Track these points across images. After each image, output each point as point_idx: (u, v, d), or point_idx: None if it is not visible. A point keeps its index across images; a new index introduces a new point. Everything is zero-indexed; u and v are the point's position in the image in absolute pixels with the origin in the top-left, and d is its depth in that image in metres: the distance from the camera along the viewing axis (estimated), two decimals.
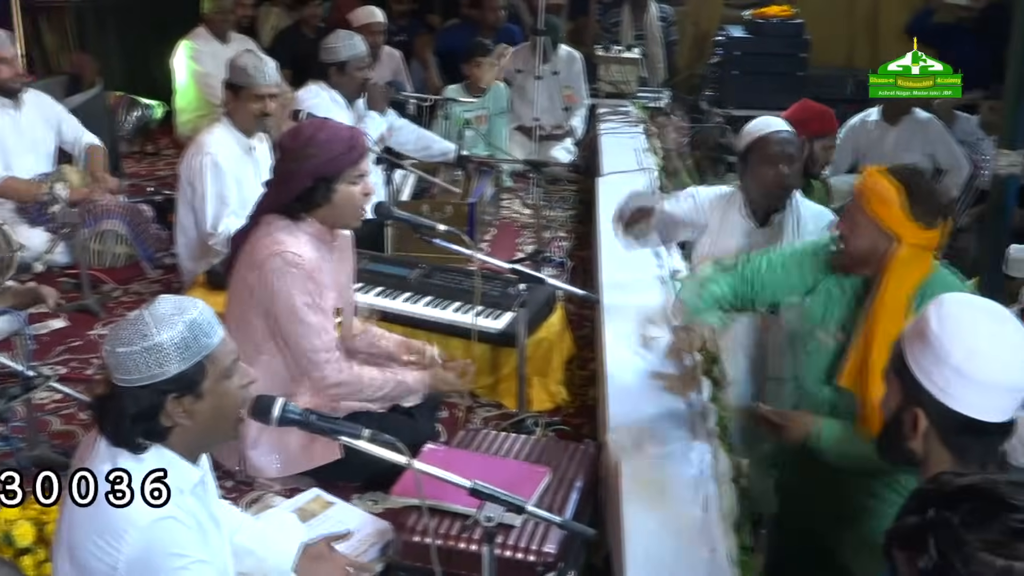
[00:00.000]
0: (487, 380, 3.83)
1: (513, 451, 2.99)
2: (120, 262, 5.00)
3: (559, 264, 4.91)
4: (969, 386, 1.80)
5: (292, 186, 3.07)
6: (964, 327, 1.82)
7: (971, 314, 1.86)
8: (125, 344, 2.02)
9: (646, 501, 2.63)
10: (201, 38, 6.77)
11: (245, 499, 3.13)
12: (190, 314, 2.07)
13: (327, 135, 3.07)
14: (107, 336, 2.08)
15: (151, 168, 6.66)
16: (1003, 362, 1.80)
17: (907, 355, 1.87)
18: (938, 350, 1.82)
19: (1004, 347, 1.82)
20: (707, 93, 7.61)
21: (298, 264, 3.04)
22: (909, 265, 2.66)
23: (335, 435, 2.33)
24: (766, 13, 7.29)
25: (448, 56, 7.37)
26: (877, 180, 2.68)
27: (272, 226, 3.11)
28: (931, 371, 1.83)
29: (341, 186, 3.09)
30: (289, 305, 3.05)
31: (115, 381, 2.05)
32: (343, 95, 5.15)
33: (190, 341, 2.05)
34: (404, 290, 4.01)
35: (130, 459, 2.06)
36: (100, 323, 4.40)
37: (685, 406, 3.12)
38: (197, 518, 2.14)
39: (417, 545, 2.60)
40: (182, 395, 2.06)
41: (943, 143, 6.35)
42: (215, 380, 2.11)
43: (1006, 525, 1.39)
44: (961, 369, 1.80)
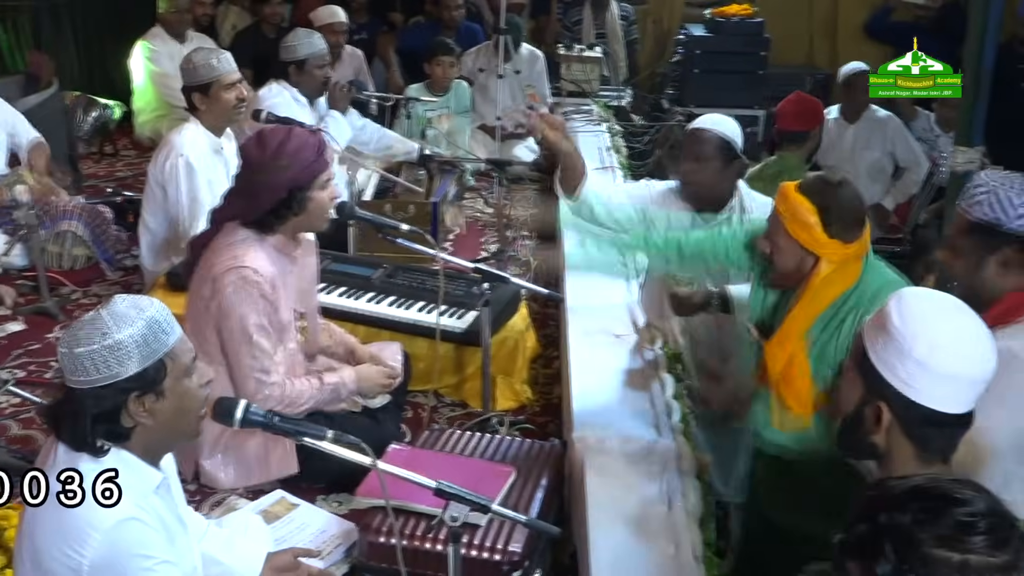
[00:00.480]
0: (451, 380, 3.83)
1: (478, 450, 2.99)
2: (79, 264, 4.94)
3: (522, 263, 4.91)
4: (932, 379, 1.82)
5: (264, 199, 3.04)
6: (925, 321, 1.84)
7: (932, 308, 1.88)
8: (84, 344, 1.99)
9: (611, 499, 2.63)
10: (158, 38, 6.71)
11: (209, 501, 3.10)
12: (148, 312, 2.06)
13: (296, 144, 3.04)
14: (62, 338, 2.05)
15: (110, 169, 6.59)
16: (964, 354, 1.83)
17: (869, 350, 1.89)
18: (901, 344, 1.84)
19: (964, 339, 1.84)
20: (668, 91, 7.64)
21: (256, 283, 3.01)
22: (832, 278, 2.68)
23: (298, 436, 2.31)
24: (726, 12, 7.33)
25: (410, 55, 7.35)
26: (793, 201, 2.68)
27: (234, 237, 3.08)
28: (895, 365, 1.84)
29: (314, 193, 3.08)
30: (241, 325, 3.01)
31: (71, 384, 2.02)
32: (304, 94, 5.12)
33: (150, 338, 2.03)
34: (368, 290, 3.99)
35: (88, 460, 2.04)
36: (59, 326, 4.34)
37: (649, 403, 3.14)
38: (163, 519, 2.12)
39: (382, 546, 2.59)
40: (144, 394, 2.05)
41: (902, 140, 6.43)
42: (176, 378, 2.10)
43: (955, 519, 1.40)
44: (924, 362, 1.82)
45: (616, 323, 3.65)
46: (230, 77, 4.31)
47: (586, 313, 3.74)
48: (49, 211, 4.87)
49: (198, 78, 4.31)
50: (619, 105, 7.21)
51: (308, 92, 5.14)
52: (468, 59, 6.89)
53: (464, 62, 6.73)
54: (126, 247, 5.05)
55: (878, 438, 1.88)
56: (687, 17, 8.63)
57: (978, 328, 1.88)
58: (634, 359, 3.41)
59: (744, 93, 7.21)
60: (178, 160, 4.23)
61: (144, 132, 6.77)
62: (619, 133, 6.57)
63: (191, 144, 4.28)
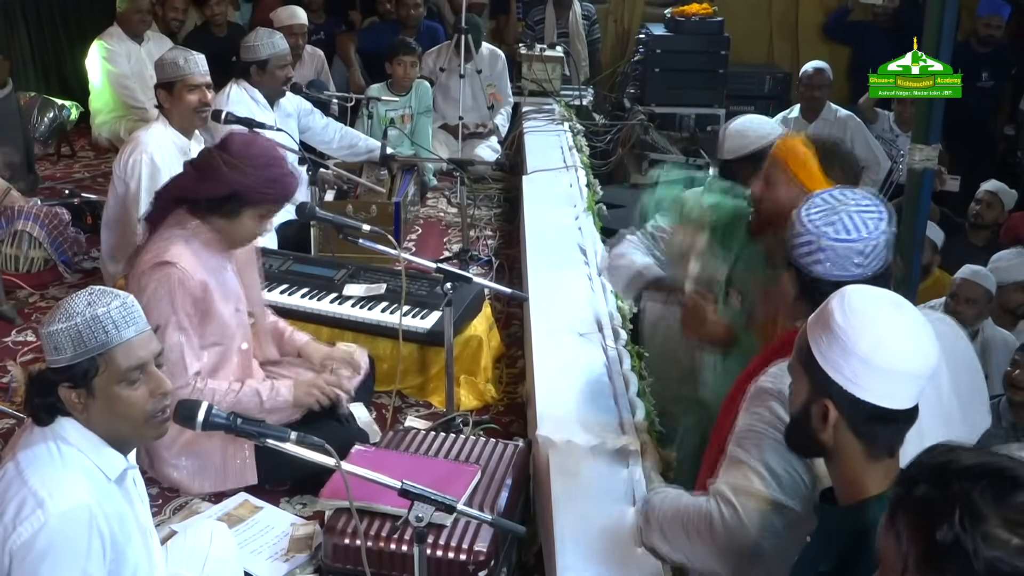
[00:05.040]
0: (415, 380, 3.82)
1: (443, 451, 2.98)
2: (36, 267, 4.86)
3: (486, 263, 4.91)
4: (876, 375, 1.83)
5: (209, 185, 3.04)
6: (868, 318, 1.85)
7: (873, 305, 1.89)
8: (44, 325, 2.10)
9: (576, 497, 2.64)
10: (115, 38, 6.60)
11: (171, 505, 3.08)
12: (98, 309, 2.06)
13: (271, 169, 3.08)
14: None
15: (67, 170, 6.49)
16: (906, 350, 1.84)
17: (813, 348, 1.89)
18: (844, 342, 1.84)
19: (906, 335, 1.86)
20: (630, 91, 7.66)
21: (183, 282, 2.99)
22: None
23: (261, 438, 2.30)
24: (686, 11, 7.36)
25: (370, 55, 7.31)
26: (794, 143, 2.77)
27: (171, 232, 3.07)
28: (839, 363, 1.85)
29: (247, 213, 3.08)
30: (163, 320, 2.94)
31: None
32: (265, 94, 5.08)
33: (86, 335, 2.05)
34: (330, 291, 3.97)
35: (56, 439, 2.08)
36: (15, 330, 4.28)
37: (613, 402, 3.15)
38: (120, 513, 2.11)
39: (347, 547, 2.58)
40: (73, 387, 2.07)
41: (861, 139, 6.50)
42: (108, 381, 2.09)
43: (1020, 502, 1.41)
44: (868, 359, 1.83)
45: (580, 322, 3.66)
46: (194, 79, 4.27)
47: (550, 312, 3.74)
48: (3, 211, 4.80)
49: (165, 76, 4.28)
50: (581, 104, 7.22)
51: (269, 93, 5.09)
52: (429, 59, 6.87)
53: (425, 62, 6.71)
54: (85, 249, 4.99)
55: (825, 436, 1.88)
56: (647, 16, 8.66)
57: (919, 323, 1.89)
58: (599, 359, 3.41)
59: (705, 92, 7.25)
60: (142, 156, 4.19)
61: (102, 133, 6.68)
62: (581, 132, 6.58)
63: (157, 143, 4.24)
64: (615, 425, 3.00)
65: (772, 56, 8.99)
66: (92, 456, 2.10)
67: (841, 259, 2.23)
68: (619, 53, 8.87)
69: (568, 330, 3.60)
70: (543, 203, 5.03)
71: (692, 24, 7.27)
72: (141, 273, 3.02)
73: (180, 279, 2.99)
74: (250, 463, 3.10)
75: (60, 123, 6.76)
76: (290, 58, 5.29)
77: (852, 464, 1.88)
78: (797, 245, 2.28)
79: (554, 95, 7.11)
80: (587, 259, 4.24)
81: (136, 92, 6.42)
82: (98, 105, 6.66)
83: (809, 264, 2.26)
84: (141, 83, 6.32)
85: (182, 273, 2.99)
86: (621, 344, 3.51)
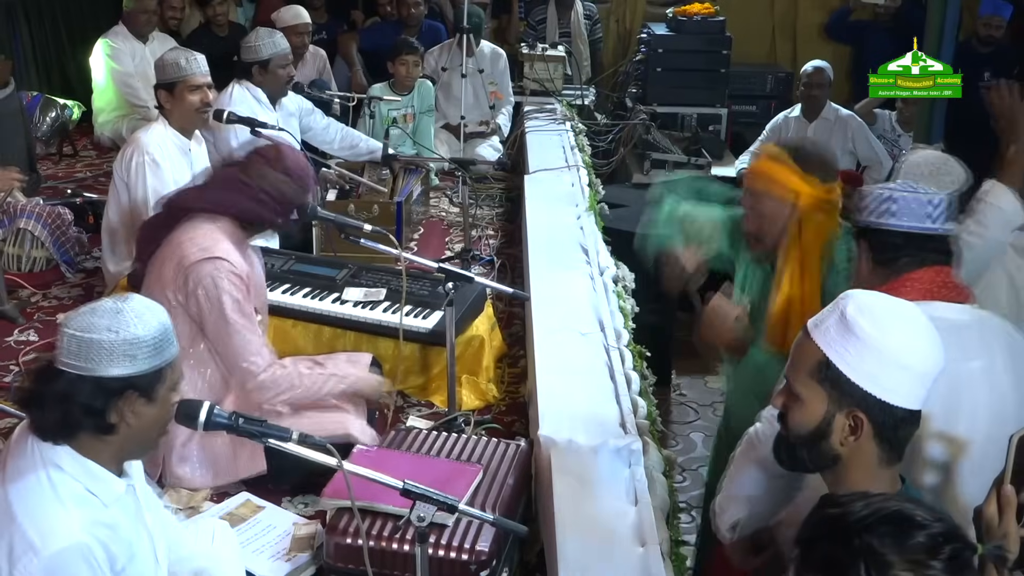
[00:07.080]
0: (417, 380, 3.82)
1: (445, 450, 2.98)
2: (38, 267, 4.87)
3: (487, 262, 4.91)
4: (911, 379, 1.83)
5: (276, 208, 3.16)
6: (895, 324, 1.84)
7: (891, 311, 1.87)
8: (101, 332, 1.97)
9: (578, 496, 2.64)
10: (120, 36, 6.62)
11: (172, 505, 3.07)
12: (163, 318, 2.08)
13: (302, 176, 3.23)
14: (70, 320, 2.01)
15: (69, 170, 6.50)
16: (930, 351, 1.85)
17: (837, 362, 1.85)
18: (880, 351, 1.82)
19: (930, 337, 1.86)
20: (631, 90, 7.67)
21: (232, 271, 3.05)
22: (815, 218, 2.72)
23: (263, 438, 2.29)
24: (688, 11, 7.37)
25: (373, 55, 7.31)
26: (761, 159, 2.79)
27: (205, 226, 3.10)
28: (875, 373, 1.82)
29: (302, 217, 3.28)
30: (223, 313, 3.03)
31: (66, 367, 1.98)
32: (267, 94, 5.09)
33: (162, 343, 2.04)
34: (332, 291, 3.97)
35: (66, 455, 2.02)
36: (18, 329, 4.28)
37: (615, 401, 3.14)
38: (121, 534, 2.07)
39: (349, 547, 2.58)
40: (139, 395, 2.03)
41: (863, 139, 6.50)
42: (168, 389, 2.10)
43: (919, 543, 1.44)
44: (907, 366, 1.82)
45: (582, 321, 3.66)
46: (196, 79, 4.27)
47: (552, 311, 3.74)
48: (5, 210, 4.80)
49: (166, 76, 4.29)
50: (583, 104, 7.22)
51: (271, 92, 5.10)
52: (431, 57, 6.88)
53: (427, 60, 6.72)
54: (87, 249, 5.00)
55: (844, 448, 1.87)
56: (649, 16, 8.68)
57: (929, 324, 1.89)
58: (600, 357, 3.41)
59: (706, 91, 7.26)
60: (143, 158, 4.19)
61: (104, 132, 6.69)
62: (583, 132, 6.58)
63: (158, 143, 4.25)
64: (617, 425, 3.00)
65: (774, 56, 9.00)
66: (87, 483, 2.03)
67: (912, 207, 2.25)
68: (621, 53, 8.89)
69: (570, 329, 3.59)
70: (545, 203, 5.03)
71: (694, 24, 7.28)
72: (188, 267, 3.05)
73: (234, 271, 3.06)
74: (259, 450, 3.09)
75: (62, 122, 6.76)
76: (291, 57, 5.30)
77: (864, 472, 1.86)
78: (867, 206, 2.30)
79: (556, 95, 7.12)
80: (589, 258, 4.23)
81: (139, 91, 6.43)
82: (101, 103, 6.67)
83: (881, 216, 2.26)
84: (145, 82, 6.30)
85: (235, 267, 3.07)
86: (623, 343, 3.51)
